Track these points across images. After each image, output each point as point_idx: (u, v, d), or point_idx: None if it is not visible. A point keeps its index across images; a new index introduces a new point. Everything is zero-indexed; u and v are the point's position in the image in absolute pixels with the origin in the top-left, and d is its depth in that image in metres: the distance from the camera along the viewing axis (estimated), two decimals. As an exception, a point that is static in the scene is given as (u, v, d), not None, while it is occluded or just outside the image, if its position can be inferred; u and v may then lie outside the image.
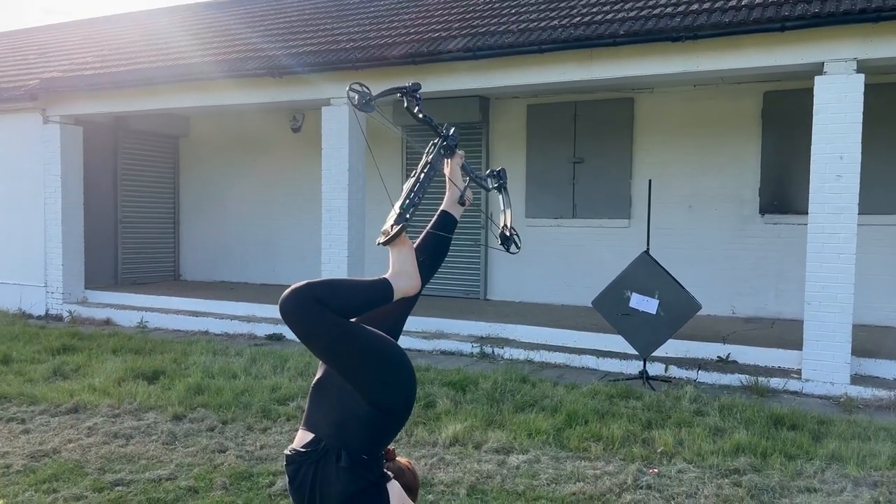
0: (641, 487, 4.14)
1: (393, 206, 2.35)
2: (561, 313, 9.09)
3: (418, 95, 2.45)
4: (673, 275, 6.52)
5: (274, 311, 9.31)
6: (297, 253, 11.56)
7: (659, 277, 6.45)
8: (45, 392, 5.97)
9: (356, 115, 8.62)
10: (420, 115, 2.47)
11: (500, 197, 2.72)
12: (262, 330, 8.98)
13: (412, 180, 2.39)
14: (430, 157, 2.47)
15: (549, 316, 8.84)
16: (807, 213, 6.46)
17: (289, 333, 8.77)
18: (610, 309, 6.63)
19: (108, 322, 9.87)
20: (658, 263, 6.53)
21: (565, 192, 9.80)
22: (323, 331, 2.18)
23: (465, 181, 2.62)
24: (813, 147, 6.30)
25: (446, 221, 2.67)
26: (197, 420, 5.34)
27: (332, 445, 2.25)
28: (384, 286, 2.36)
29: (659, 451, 4.70)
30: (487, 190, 2.77)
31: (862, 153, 6.18)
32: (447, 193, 2.66)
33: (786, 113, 8.52)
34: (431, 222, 2.67)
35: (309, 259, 11.04)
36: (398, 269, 2.40)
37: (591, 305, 6.94)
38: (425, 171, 2.41)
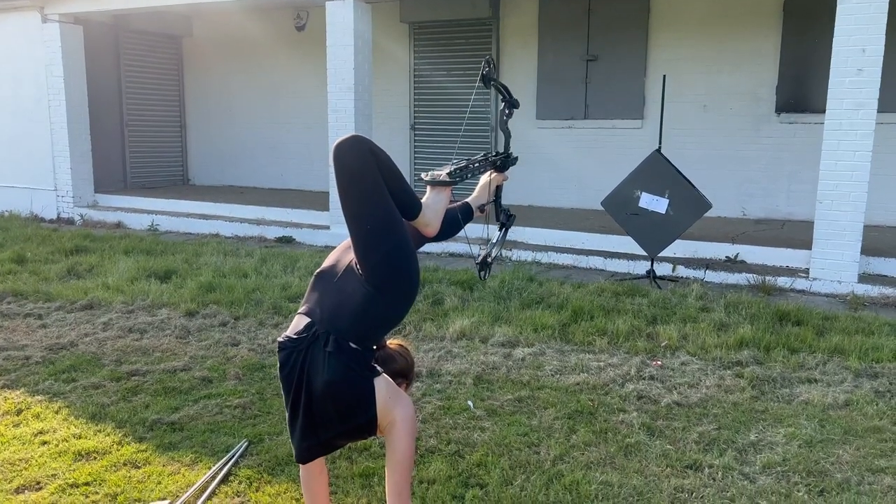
0: (644, 378, 4.22)
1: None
2: (570, 216, 9.07)
3: (511, 111, 2.83)
4: (684, 175, 6.43)
5: (284, 213, 9.39)
6: (306, 157, 11.47)
7: (670, 176, 6.37)
8: (60, 290, 6.08)
9: (367, 14, 8.34)
10: (507, 126, 2.83)
11: (499, 233, 2.92)
12: (273, 232, 9.03)
13: (467, 160, 2.70)
14: (488, 158, 2.78)
15: (559, 218, 8.82)
16: (825, 112, 6.28)
17: (299, 236, 8.83)
18: (619, 209, 6.59)
19: (119, 225, 9.95)
20: (669, 162, 6.43)
21: (577, 91, 9.56)
22: (367, 180, 2.22)
23: (491, 196, 2.87)
24: (835, 39, 6.06)
25: (466, 209, 2.82)
26: (209, 316, 5.45)
27: (324, 331, 2.27)
28: (418, 200, 2.46)
29: (663, 344, 4.77)
30: (497, 220, 2.97)
31: (885, 47, 5.94)
32: (475, 193, 2.85)
33: (809, 6, 8.16)
34: (455, 204, 2.81)
35: (317, 163, 10.97)
36: (430, 202, 2.51)
37: (600, 208, 6.90)
38: (480, 161, 2.73)
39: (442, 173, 2.57)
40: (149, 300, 5.82)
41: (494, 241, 2.88)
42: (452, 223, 2.75)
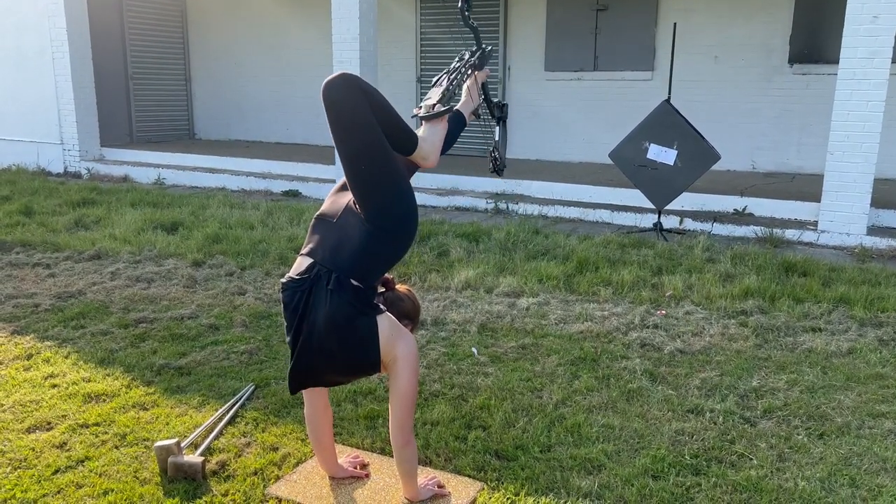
0: (648, 327, 4.23)
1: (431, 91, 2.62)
2: (578, 170, 9.00)
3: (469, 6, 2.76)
4: (693, 126, 6.35)
5: (290, 167, 9.36)
6: (311, 110, 11.38)
7: (678, 127, 6.29)
8: (68, 240, 6.12)
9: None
10: (471, 23, 2.76)
11: (497, 129, 2.87)
12: (279, 186, 9.01)
13: (447, 76, 2.64)
14: (465, 61, 2.72)
15: (566, 172, 8.76)
16: (838, 62, 6.15)
17: (305, 189, 8.82)
18: (627, 161, 6.52)
19: (125, 179, 9.95)
20: (678, 113, 6.34)
21: (587, 42, 9.40)
22: (358, 118, 2.19)
23: (479, 96, 2.80)
24: (851, -15, 5.92)
25: (459, 119, 2.76)
26: (216, 266, 5.48)
27: (325, 270, 2.28)
28: (414, 136, 2.43)
29: (668, 294, 4.77)
30: (492, 116, 2.92)
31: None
32: (462, 100, 2.79)
33: (826, -48, 7.95)
34: None
35: (323, 117, 10.80)
36: (426, 136, 2.50)
37: (609, 162, 6.83)
38: (461, 70, 2.67)
39: (433, 100, 2.52)
40: (156, 251, 5.85)
41: (497, 137, 2.86)
42: (448, 139, 2.71)
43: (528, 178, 8.27)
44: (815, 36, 8.28)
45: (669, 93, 6.60)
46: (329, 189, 7.82)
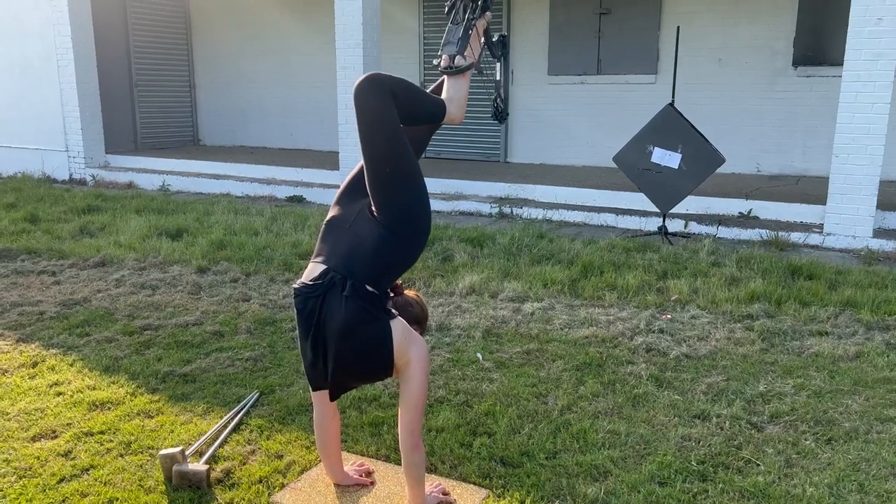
0: (653, 331, 4.22)
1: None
2: (582, 174, 8.99)
3: None
4: (698, 129, 6.33)
5: (294, 173, 9.37)
6: (315, 116, 11.40)
7: (683, 131, 6.27)
8: (73, 248, 6.13)
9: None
10: None
11: (499, 66, 2.78)
12: (283, 192, 9.03)
13: (458, 14, 2.53)
14: (472, 16, 2.55)
15: (570, 176, 8.75)
16: (842, 64, 6.13)
17: (309, 195, 8.83)
18: (631, 164, 6.51)
19: (130, 185, 9.97)
20: (682, 116, 6.33)
21: (590, 46, 9.39)
22: (386, 123, 2.23)
23: (481, 45, 2.68)
24: (855, -13, 5.90)
25: None
26: (220, 273, 5.48)
27: (339, 276, 2.29)
28: (441, 105, 2.44)
29: (673, 298, 4.76)
30: (496, 58, 2.80)
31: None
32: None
33: (829, -46, 7.93)
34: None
35: (326, 122, 10.89)
36: (452, 95, 2.49)
37: (613, 166, 6.82)
38: (473, 17, 2.53)
39: (452, 45, 2.45)
40: (160, 257, 5.86)
41: (498, 76, 2.79)
42: None
43: (533, 182, 8.27)
44: (819, 38, 8.26)
45: (673, 96, 6.59)
46: (333, 194, 7.72)
